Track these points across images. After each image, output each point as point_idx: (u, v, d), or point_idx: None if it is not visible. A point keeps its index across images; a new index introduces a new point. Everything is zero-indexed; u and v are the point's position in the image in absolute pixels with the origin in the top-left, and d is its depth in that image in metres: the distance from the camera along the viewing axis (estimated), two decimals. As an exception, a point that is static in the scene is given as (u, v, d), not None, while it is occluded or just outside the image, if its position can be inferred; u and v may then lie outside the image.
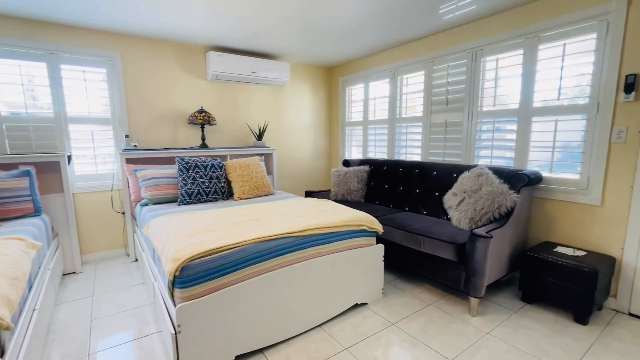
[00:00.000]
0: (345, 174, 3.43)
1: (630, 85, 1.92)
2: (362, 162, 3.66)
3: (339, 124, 4.41)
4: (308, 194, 3.51)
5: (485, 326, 1.93)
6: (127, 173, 2.89)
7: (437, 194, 2.78)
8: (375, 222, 2.17)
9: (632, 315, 2.03)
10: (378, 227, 2.18)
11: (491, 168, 2.44)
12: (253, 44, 3.27)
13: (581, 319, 1.93)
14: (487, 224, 2.18)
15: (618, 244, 2.07)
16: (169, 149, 3.09)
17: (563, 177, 2.29)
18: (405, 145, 3.48)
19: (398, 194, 3.14)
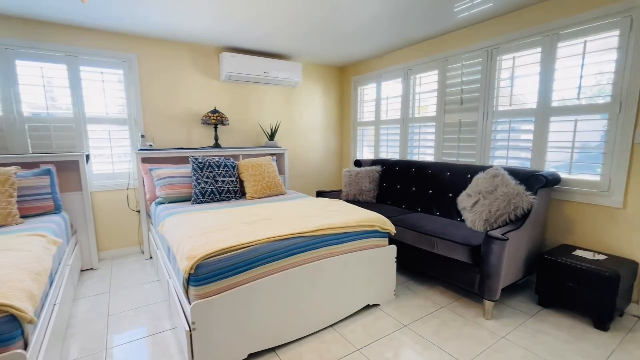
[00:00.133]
0: (357, 174, 3.42)
1: (656, 84, 1.86)
2: (374, 162, 3.64)
3: (350, 124, 4.40)
4: (319, 194, 3.51)
5: (501, 330, 1.89)
6: (143, 172, 2.95)
7: (451, 195, 2.74)
8: (387, 223, 2.16)
9: (656, 322, 1.96)
10: (390, 228, 2.16)
11: (507, 169, 2.39)
12: (265, 44, 3.29)
13: (601, 324, 1.88)
14: (503, 226, 2.13)
15: (641, 248, 2.00)
16: (183, 148, 3.14)
17: (582, 179, 2.22)
18: (417, 146, 3.45)
19: (410, 194, 3.11)
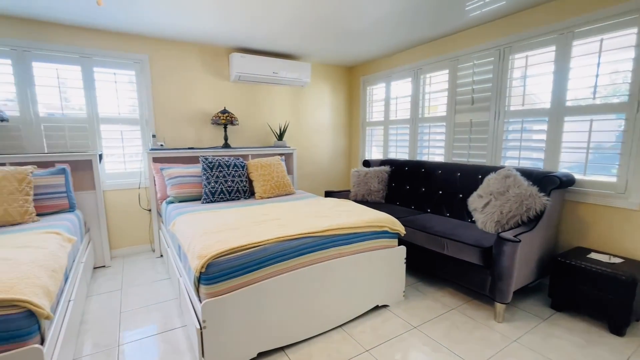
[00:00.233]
0: (366, 174, 3.41)
1: (676, 83, 1.80)
2: (383, 163, 3.62)
3: (359, 124, 4.39)
4: (328, 194, 3.51)
5: (512, 333, 1.86)
6: (154, 171, 2.99)
7: (461, 195, 2.71)
8: (397, 224, 2.14)
9: (675, 328, 1.91)
10: (400, 229, 2.15)
11: (519, 169, 2.35)
12: (275, 44, 3.30)
13: (617, 329, 1.83)
14: (515, 228, 2.10)
15: (659, 252, 1.95)
16: (193, 148, 3.17)
17: (598, 180, 2.17)
18: (427, 146, 3.42)
19: (420, 195, 3.09)
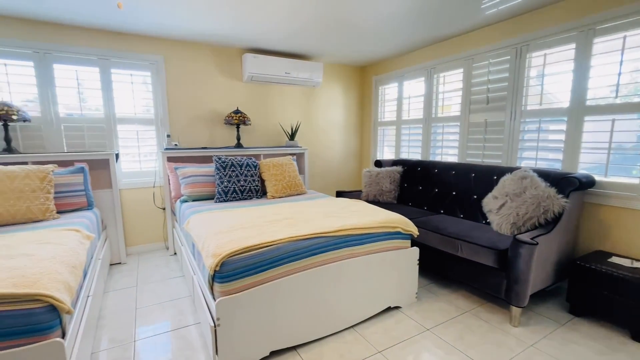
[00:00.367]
0: (377, 174, 3.39)
1: None
2: (395, 163, 3.59)
3: (371, 124, 4.36)
4: (339, 194, 3.51)
5: (529, 338, 1.82)
6: (168, 171, 3.04)
7: (476, 196, 2.66)
8: (410, 224, 2.12)
9: (702, 336, 1.83)
10: (413, 230, 2.13)
11: (536, 170, 2.30)
12: (287, 44, 3.32)
13: (640, 336, 1.77)
14: (531, 230, 2.06)
15: (685, 257, 1.87)
16: (206, 148, 3.21)
17: (619, 181, 2.10)
18: (441, 146, 3.37)
19: (433, 196, 3.05)
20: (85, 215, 2.36)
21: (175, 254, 3.19)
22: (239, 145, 3.41)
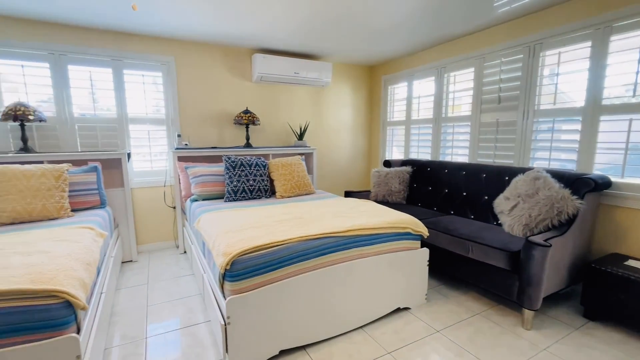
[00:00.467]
0: (387, 174, 3.37)
1: None
2: (404, 163, 3.57)
3: (379, 124, 4.34)
4: (348, 194, 3.50)
5: (542, 342, 1.79)
6: (179, 170, 3.07)
7: (487, 197, 2.63)
8: (420, 225, 2.11)
9: None
10: (423, 231, 2.11)
11: (549, 171, 2.26)
12: (297, 44, 3.32)
13: (658, 342, 1.72)
14: (544, 232, 2.02)
15: None
16: (216, 147, 3.24)
17: (637, 183, 2.05)
18: (451, 146, 3.34)
19: (443, 196, 3.02)
20: (98, 213, 2.41)
21: (185, 252, 3.22)
22: (248, 145, 3.44)
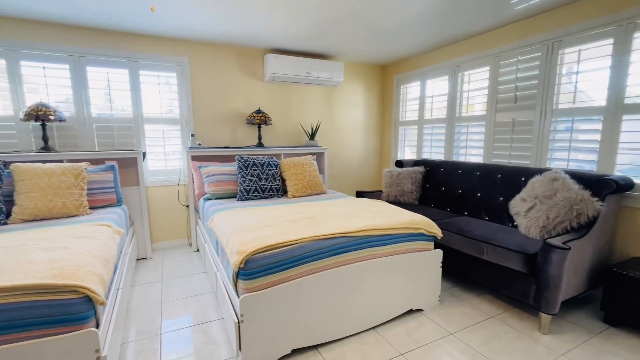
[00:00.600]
0: (399, 174, 3.34)
1: None
2: (417, 163, 3.53)
3: (391, 123, 4.31)
4: (359, 194, 3.48)
5: (560, 347, 1.74)
6: (192, 169, 3.12)
7: (502, 198, 2.58)
8: (433, 226, 2.08)
9: None
10: (437, 232, 2.09)
11: (568, 172, 2.20)
12: (308, 44, 3.33)
13: (683, 350, 1.66)
14: (563, 234, 1.97)
15: None
16: (229, 147, 3.27)
17: (661, 185, 1.98)
18: (465, 146, 3.28)
19: (456, 197, 2.98)
20: (115, 211, 2.46)
21: (198, 250, 3.27)
22: (260, 144, 3.46)
